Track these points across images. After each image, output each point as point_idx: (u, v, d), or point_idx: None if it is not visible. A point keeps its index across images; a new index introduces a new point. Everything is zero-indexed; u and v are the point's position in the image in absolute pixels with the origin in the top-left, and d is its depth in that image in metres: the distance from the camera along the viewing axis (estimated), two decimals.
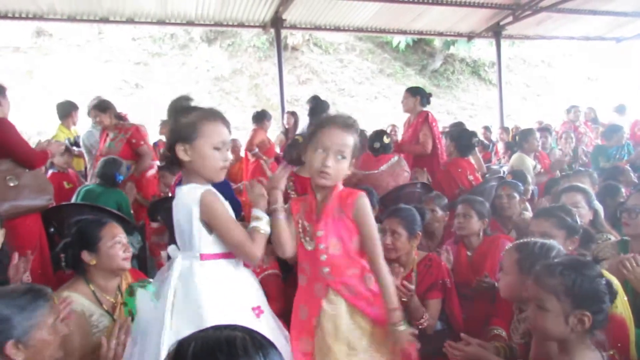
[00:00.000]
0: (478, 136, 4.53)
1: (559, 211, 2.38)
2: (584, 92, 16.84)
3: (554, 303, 1.46)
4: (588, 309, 1.42)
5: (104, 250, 2.10)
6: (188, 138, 1.66)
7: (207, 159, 1.67)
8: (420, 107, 4.70)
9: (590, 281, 1.45)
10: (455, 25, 8.75)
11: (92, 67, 12.12)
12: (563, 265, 1.50)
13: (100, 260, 2.10)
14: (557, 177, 4.13)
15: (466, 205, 2.92)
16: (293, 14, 7.49)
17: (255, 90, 13.32)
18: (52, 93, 10.96)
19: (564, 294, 1.44)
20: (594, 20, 9.03)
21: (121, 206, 3.71)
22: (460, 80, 15.87)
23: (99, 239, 2.10)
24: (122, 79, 12.13)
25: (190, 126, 1.66)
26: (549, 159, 5.37)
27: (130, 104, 11.71)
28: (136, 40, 13.03)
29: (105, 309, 2.11)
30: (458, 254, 2.93)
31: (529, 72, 17.13)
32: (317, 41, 14.74)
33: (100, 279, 2.13)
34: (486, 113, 14.90)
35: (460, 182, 4.00)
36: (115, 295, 2.18)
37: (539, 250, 1.82)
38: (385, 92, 14.54)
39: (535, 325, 1.54)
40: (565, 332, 1.45)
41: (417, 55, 15.84)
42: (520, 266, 1.83)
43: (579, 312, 1.42)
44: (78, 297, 2.04)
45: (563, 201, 2.86)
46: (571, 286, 1.44)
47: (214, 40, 13.58)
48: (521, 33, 9.69)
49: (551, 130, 7.00)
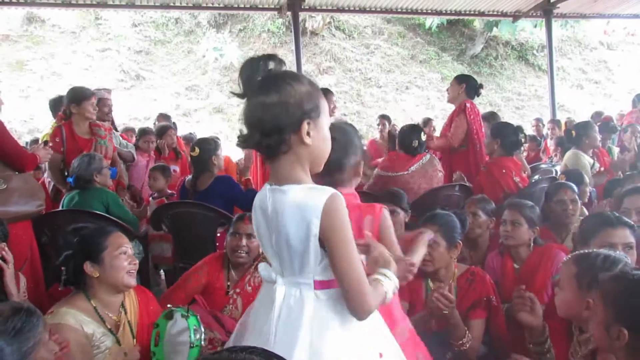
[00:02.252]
0: (524, 131, 4.47)
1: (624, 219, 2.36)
2: None
3: (600, 308, 1.55)
4: (627, 326, 1.47)
5: (108, 261, 2.13)
6: (313, 113, 1.37)
7: (327, 141, 1.43)
8: (465, 96, 4.68)
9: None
10: (498, 4, 8.64)
11: (89, 56, 12.37)
12: (629, 277, 1.56)
13: (104, 273, 2.13)
14: (618, 178, 4.05)
15: (514, 211, 2.88)
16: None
17: None
18: (45, 85, 11.24)
19: (611, 302, 1.53)
20: None
21: (109, 205, 3.66)
22: (504, 66, 15.70)
23: (104, 249, 2.14)
24: (122, 69, 12.34)
25: (312, 98, 1.37)
26: (609, 156, 5.26)
27: (131, 96, 11.95)
28: (137, 26, 13.26)
29: (109, 327, 2.13)
30: (504, 266, 2.91)
31: (585, 56, 16.84)
32: (340, 24, 14.76)
33: (103, 294, 2.16)
34: (535, 104, 14.70)
35: (505, 184, 3.95)
36: (118, 312, 2.21)
37: (602, 263, 1.82)
38: (418, 81, 14.46)
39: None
40: (605, 342, 1.54)
41: (454, 39, 15.72)
42: (579, 281, 1.83)
43: (618, 325, 1.48)
44: (78, 314, 2.07)
45: (626, 206, 2.81)
46: (619, 296, 1.52)
47: (224, 25, 13.72)
48: (575, 11, 9.50)
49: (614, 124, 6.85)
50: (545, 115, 10.18)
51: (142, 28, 13.32)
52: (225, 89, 12.91)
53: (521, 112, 13.91)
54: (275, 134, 1.34)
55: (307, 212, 1.34)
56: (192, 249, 3.52)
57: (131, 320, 2.24)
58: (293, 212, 1.36)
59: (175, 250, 3.90)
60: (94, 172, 3.72)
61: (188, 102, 12.35)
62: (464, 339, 2.35)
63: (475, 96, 4.79)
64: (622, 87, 15.95)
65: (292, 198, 1.36)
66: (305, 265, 1.39)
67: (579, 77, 16.16)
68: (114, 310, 2.19)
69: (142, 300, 2.33)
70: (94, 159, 3.79)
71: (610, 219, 2.44)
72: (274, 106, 1.33)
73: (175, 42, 13.46)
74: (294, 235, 1.36)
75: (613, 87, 16.16)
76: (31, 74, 11.73)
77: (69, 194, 3.80)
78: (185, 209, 3.74)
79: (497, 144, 4.09)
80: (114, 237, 2.20)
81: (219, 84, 12.98)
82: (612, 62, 16.94)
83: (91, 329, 2.08)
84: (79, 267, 2.13)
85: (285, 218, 1.37)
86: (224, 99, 12.68)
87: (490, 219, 3.30)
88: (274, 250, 1.44)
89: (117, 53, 12.63)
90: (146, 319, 2.28)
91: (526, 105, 14.73)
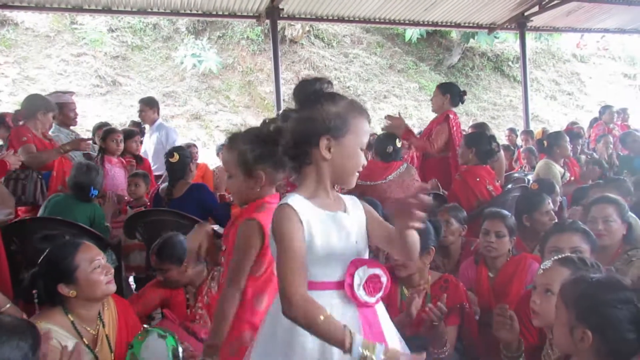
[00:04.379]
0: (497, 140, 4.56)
1: (580, 225, 2.45)
2: (621, 91, 16.91)
3: (562, 311, 1.61)
4: (590, 328, 1.52)
5: (83, 278, 2.07)
6: (337, 131, 1.50)
7: (352, 159, 1.54)
8: (450, 106, 4.77)
9: (604, 300, 1.54)
10: (474, 16, 8.81)
11: (63, 61, 12.19)
12: (588, 279, 1.63)
13: (81, 291, 2.07)
14: (585, 187, 4.15)
15: (497, 222, 2.89)
16: (291, 3, 7.56)
17: (249, 89, 13.38)
18: (17, 90, 11.04)
19: (572, 304, 1.58)
20: (629, 10, 9.09)
21: (94, 221, 3.69)
22: (480, 77, 15.95)
23: (75, 268, 2.07)
24: (98, 74, 12.19)
25: (340, 117, 1.51)
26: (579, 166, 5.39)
27: (106, 102, 11.80)
28: (114, 32, 13.11)
29: (86, 343, 2.08)
30: (478, 275, 2.94)
31: (558, 68, 17.21)
32: (319, 33, 14.84)
33: (81, 309, 2.11)
34: (510, 114, 14.95)
35: (479, 192, 4.01)
36: (96, 325, 2.16)
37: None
38: (396, 90, 14.60)
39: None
40: (569, 346, 1.59)
41: (431, 49, 15.93)
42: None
43: (581, 327, 1.54)
44: (56, 329, 2.01)
45: (593, 214, 2.88)
46: (580, 298, 1.57)
47: (202, 32, 13.67)
48: (548, 25, 9.75)
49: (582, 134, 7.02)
50: (519, 125, 10.37)
51: (119, 33, 13.18)
52: (203, 96, 12.85)
53: (496, 122, 14.13)
54: (300, 145, 1.52)
55: (361, 214, 1.61)
56: None
57: (109, 334, 2.19)
58: (356, 216, 1.60)
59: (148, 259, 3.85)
60: (99, 186, 3.79)
61: (165, 108, 12.23)
62: (445, 348, 2.39)
63: (459, 103, 4.88)
64: (593, 99, 16.34)
65: (351, 204, 1.61)
66: None
67: (552, 88, 16.49)
68: (91, 323, 2.14)
69: (121, 312, 2.28)
70: (101, 172, 3.85)
71: (560, 225, 2.54)
72: (302, 120, 1.52)
73: (153, 48, 13.35)
74: (361, 236, 1.58)
75: (585, 99, 16.53)
76: (3, 78, 11.51)
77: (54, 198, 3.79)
78: (160, 217, 3.71)
79: (472, 153, 4.16)
80: (83, 251, 2.12)
81: (197, 90, 12.91)
82: (584, 75, 17.34)
83: (67, 343, 2.00)
84: (52, 288, 2.05)
85: (351, 222, 1.57)
86: (202, 106, 12.61)
87: (463, 226, 3.35)
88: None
89: (93, 58, 12.47)
90: (125, 332, 2.24)
91: (501, 115, 14.97)
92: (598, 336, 1.51)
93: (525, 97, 9.38)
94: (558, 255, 2.08)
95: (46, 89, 9.99)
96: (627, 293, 1.56)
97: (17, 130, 4.29)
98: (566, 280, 1.72)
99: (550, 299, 1.89)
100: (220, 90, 13.18)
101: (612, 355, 1.53)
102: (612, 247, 2.83)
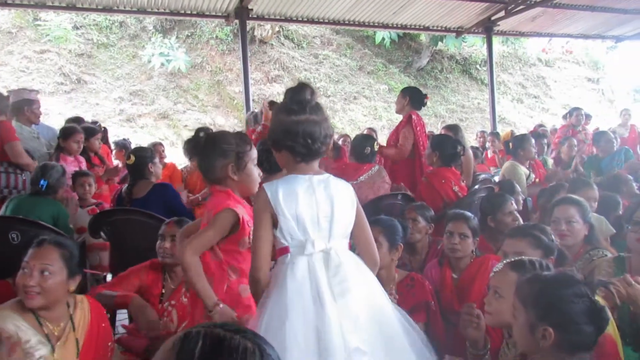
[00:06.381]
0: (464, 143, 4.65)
1: (534, 230, 2.48)
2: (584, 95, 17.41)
3: (522, 312, 1.63)
4: (551, 325, 1.55)
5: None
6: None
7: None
8: (411, 108, 4.87)
9: (560, 297, 1.58)
10: (442, 20, 8.97)
11: (26, 57, 11.89)
12: (541, 276, 1.68)
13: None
14: (548, 188, 4.25)
15: (461, 224, 2.92)
16: (260, 3, 7.55)
17: (218, 88, 13.29)
18: None
19: (531, 304, 1.61)
20: (592, 16, 9.38)
21: (58, 220, 3.64)
22: (449, 79, 16.19)
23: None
24: (62, 72, 11.93)
25: None
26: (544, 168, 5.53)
27: (71, 100, 11.55)
28: (79, 29, 12.84)
29: (46, 334, 2.08)
30: (443, 276, 2.97)
31: (524, 72, 17.60)
32: (289, 34, 14.84)
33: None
34: (478, 116, 15.22)
35: (444, 194, 4.07)
36: (63, 325, 2.14)
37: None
38: (366, 91, 14.71)
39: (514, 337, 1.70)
40: (531, 345, 1.61)
41: (401, 52, 16.10)
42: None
43: (542, 325, 1.57)
44: (17, 318, 2.02)
45: (556, 215, 2.95)
46: (538, 297, 1.60)
47: (170, 31, 13.51)
48: (514, 29, 9.99)
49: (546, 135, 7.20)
50: (487, 127, 10.57)
51: (84, 31, 12.91)
52: (171, 95, 12.69)
53: (465, 124, 14.35)
54: (326, 140, 1.89)
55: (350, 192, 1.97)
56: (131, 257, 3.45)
57: (79, 337, 2.17)
58: (345, 191, 1.97)
59: (112, 258, 3.80)
60: (62, 185, 3.69)
61: (132, 107, 12.06)
62: None
63: (421, 107, 4.97)
64: (558, 102, 16.78)
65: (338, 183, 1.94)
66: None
67: (519, 91, 16.85)
68: (56, 320, 2.13)
69: (94, 316, 2.27)
70: (64, 172, 3.79)
71: (513, 229, 2.70)
72: (322, 121, 1.89)
73: (120, 46, 13.12)
74: (349, 207, 1.94)
75: (550, 102, 16.96)
76: None
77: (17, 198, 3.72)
78: (124, 217, 3.67)
79: (436, 156, 4.22)
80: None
81: (165, 89, 12.75)
82: (550, 78, 17.77)
83: (28, 336, 2.02)
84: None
85: (344, 195, 1.94)
86: (170, 105, 12.46)
87: (429, 225, 3.41)
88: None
89: (57, 55, 12.18)
90: (95, 336, 2.23)
91: (469, 117, 15.22)
92: (559, 332, 1.55)
93: (492, 99, 9.60)
94: (508, 258, 2.13)
95: (8, 85, 9.71)
96: (581, 287, 1.60)
97: (2, 124, 4.16)
98: (520, 281, 1.73)
99: (499, 301, 1.94)
100: (189, 89, 13.05)
101: (572, 348, 1.57)
102: (574, 247, 2.91)
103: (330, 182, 1.90)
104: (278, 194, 1.83)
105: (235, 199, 2.08)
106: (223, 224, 2.01)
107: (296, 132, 1.84)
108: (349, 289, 1.78)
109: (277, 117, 1.93)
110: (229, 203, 2.03)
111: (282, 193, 1.83)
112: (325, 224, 1.85)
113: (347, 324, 1.71)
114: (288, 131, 1.85)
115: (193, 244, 1.99)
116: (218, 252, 2.05)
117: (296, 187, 1.84)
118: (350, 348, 1.68)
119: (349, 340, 1.69)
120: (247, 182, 2.13)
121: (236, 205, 2.05)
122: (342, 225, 1.89)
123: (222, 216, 2.01)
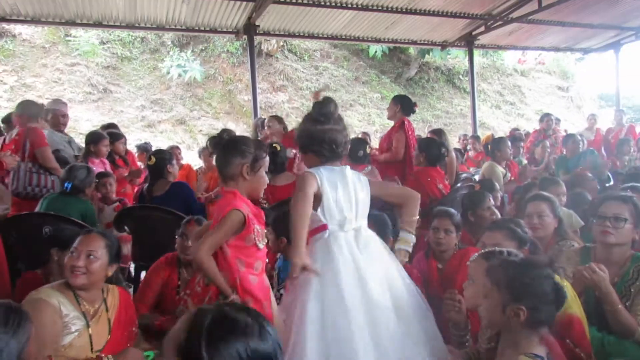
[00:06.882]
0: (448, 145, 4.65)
1: (510, 223, 2.51)
2: (555, 102, 17.38)
3: (495, 293, 1.63)
4: (525, 304, 1.56)
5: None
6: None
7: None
8: (402, 114, 4.85)
9: (532, 279, 1.59)
10: (428, 34, 8.95)
11: (58, 70, 11.88)
12: (513, 261, 1.68)
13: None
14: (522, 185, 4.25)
15: (446, 220, 2.92)
16: (266, 20, 7.54)
17: (229, 97, 13.27)
18: (15, 96, 10.71)
19: (505, 286, 1.61)
20: (563, 31, 9.36)
21: (86, 217, 3.61)
22: (435, 88, 16.14)
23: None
24: (90, 82, 11.91)
25: None
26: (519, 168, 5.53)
27: (98, 108, 11.55)
28: (105, 44, 12.82)
29: (82, 311, 2.13)
30: (429, 267, 2.97)
31: (502, 81, 17.55)
32: (292, 47, 14.80)
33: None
34: (460, 121, 15.20)
35: (430, 191, 4.07)
36: (98, 305, 2.22)
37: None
38: (360, 99, 14.68)
39: (481, 313, 1.73)
40: (502, 322, 1.62)
41: (392, 63, 16.05)
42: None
43: (516, 305, 1.57)
44: (58, 294, 2.10)
45: (529, 210, 2.96)
46: (512, 280, 1.61)
47: (187, 45, 13.48)
48: (493, 43, 9.97)
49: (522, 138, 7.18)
50: (469, 131, 10.56)
51: (110, 45, 12.89)
52: (187, 103, 12.68)
53: (449, 128, 14.31)
54: (347, 145, 2.12)
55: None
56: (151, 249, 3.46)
57: (110, 317, 2.24)
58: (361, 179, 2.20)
59: (134, 250, 3.81)
60: (88, 184, 3.67)
61: (153, 114, 12.06)
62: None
63: (411, 113, 4.96)
64: (532, 109, 16.75)
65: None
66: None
67: (497, 99, 16.81)
68: (92, 301, 2.19)
69: (123, 303, 2.33)
70: (90, 172, 3.73)
71: (491, 223, 2.71)
72: (343, 130, 2.12)
73: (141, 59, 13.11)
74: (366, 193, 2.17)
75: (525, 108, 16.92)
76: (2, 85, 11.15)
77: (49, 196, 3.70)
78: (145, 212, 3.68)
79: (423, 156, 4.22)
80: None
81: (182, 98, 12.73)
82: (525, 87, 17.72)
83: (67, 311, 2.08)
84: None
85: (362, 183, 2.17)
86: (186, 112, 12.45)
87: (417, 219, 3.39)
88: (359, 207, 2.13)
89: (86, 68, 12.17)
90: (123, 319, 2.29)
91: (453, 122, 15.19)
92: (530, 310, 1.56)
93: (473, 106, 9.58)
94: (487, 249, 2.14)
95: (42, 95, 9.71)
96: (547, 269, 1.63)
97: (34, 130, 4.06)
98: (492, 265, 1.72)
99: (472, 286, 1.93)
100: (203, 98, 13.04)
101: (537, 324, 1.59)
102: (545, 239, 2.92)
103: (352, 172, 2.13)
104: (324, 178, 2.00)
105: (241, 198, 2.07)
106: (232, 224, 2.00)
107: (322, 139, 2.04)
108: (374, 259, 2.03)
109: (304, 125, 2.11)
110: (236, 203, 2.02)
111: (326, 178, 2.01)
112: (355, 206, 2.05)
113: (376, 287, 1.96)
114: (314, 137, 2.05)
115: (206, 244, 1.98)
116: (225, 249, 2.04)
117: (334, 175, 2.04)
118: (381, 303, 1.95)
119: (379, 300, 1.95)
120: (256, 184, 2.12)
121: (242, 204, 2.03)
122: (364, 207, 2.10)
123: (231, 217, 1.99)
